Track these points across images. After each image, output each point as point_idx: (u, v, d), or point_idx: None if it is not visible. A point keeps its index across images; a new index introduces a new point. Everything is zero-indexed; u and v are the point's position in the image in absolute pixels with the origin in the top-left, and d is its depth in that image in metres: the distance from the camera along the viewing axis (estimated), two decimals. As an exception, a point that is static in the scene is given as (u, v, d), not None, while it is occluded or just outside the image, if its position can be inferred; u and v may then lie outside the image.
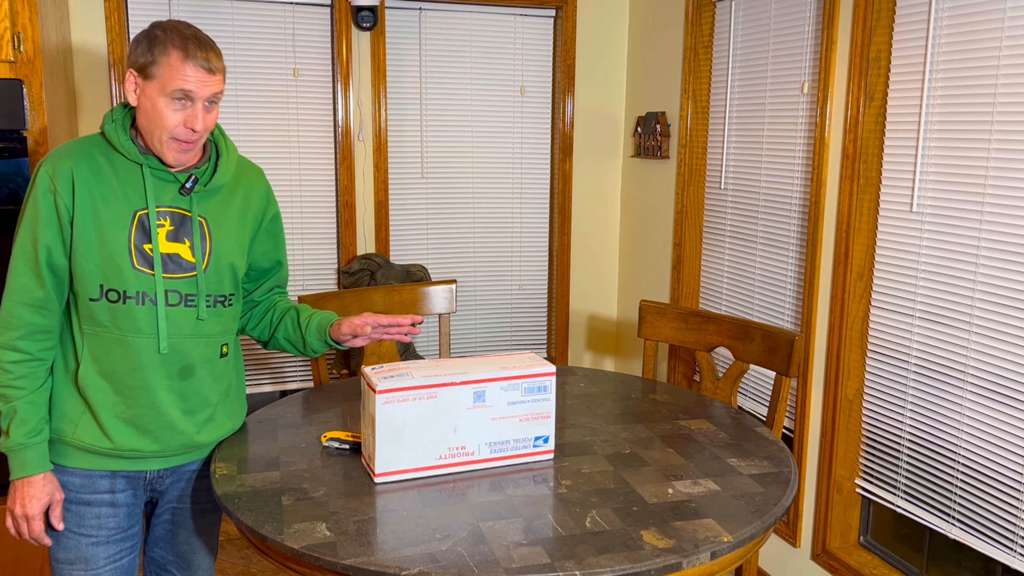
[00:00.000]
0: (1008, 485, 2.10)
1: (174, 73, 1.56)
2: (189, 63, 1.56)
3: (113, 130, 1.63)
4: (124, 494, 1.73)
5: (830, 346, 2.58)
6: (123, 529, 1.75)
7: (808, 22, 2.70)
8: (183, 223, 1.67)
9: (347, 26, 3.36)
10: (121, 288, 1.62)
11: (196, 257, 1.68)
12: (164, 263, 1.65)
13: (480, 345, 3.85)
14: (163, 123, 1.58)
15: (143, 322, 1.64)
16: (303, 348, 1.91)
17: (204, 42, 1.60)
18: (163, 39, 1.57)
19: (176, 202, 1.67)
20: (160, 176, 1.66)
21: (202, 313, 1.70)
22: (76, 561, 1.71)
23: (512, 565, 1.33)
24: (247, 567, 2.99)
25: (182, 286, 1.67)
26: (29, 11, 2.47)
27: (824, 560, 2.64)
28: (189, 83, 1.57)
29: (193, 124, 1.59)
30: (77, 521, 1.70)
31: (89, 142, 1.65)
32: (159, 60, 1.56)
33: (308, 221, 3.48)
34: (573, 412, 2.03)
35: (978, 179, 2.15)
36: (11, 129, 2.47)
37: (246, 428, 1.89)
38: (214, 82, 1.60)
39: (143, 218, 1.63)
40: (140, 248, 1.63)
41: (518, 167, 3.77)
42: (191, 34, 1.59)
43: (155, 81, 1.57)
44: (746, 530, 1.46)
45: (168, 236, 1.66)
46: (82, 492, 1.70)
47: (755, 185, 3.00)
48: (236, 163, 1.79)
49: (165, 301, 1.65)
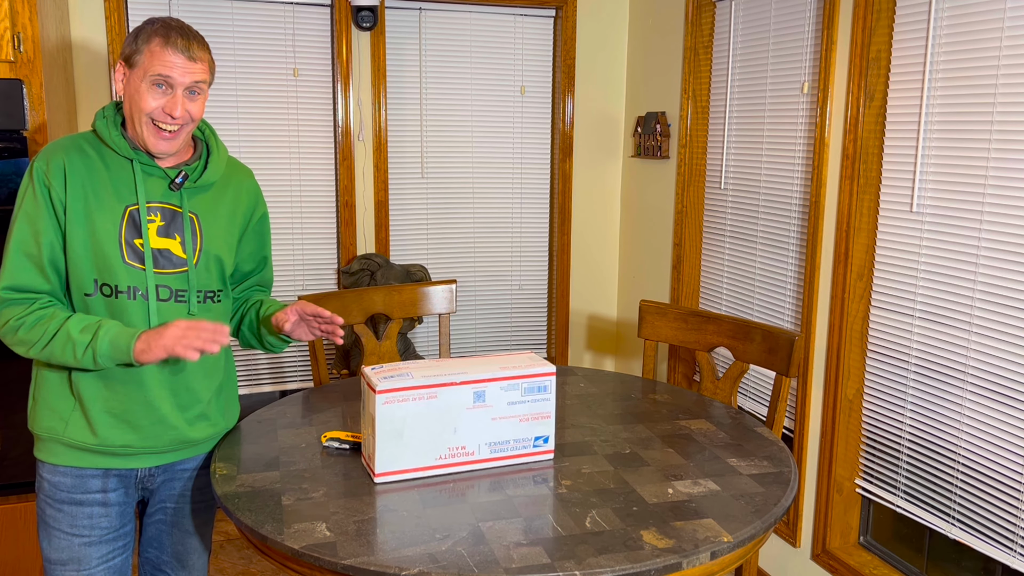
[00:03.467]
0: (1008, 485, 2.10)
1: (154, 59, 1.59)
2: (168, 49, 1.59)
3: (104, 126, 1.65)
4: (116, 493, 1.73)
5: (830, 346, 2.58)
6: (115, 529, 1.74)
7: (808, 22, 2.70)
8: (174, 219, 1.68)
9: (347, 26, 3.35)
10: (113, 283, 1.63)
11: (187, 252, 1.69)
12: (155, 258, 1.66)
13: (480, 345, 3.85)
14: (142, 106, 1.60)
15: (135, 317, 1.64)
16: (261, 340, 1.88)
17: (188, 32, 1.62)
18: (148, 30, 1.61)
19: (167, 198, 1.68)
20: (150, 172, 1.67)
21: (193, 308, 1.70)
22: (69, 562, 1.71)
23: (512, 565, 1.33)
24: (247, 567, 2.98)
25: (172, 281, 1.68)
26: (29, 11, 2.47)
27: (824, 560, 2.64)
28: (167, 68, 1.59)
29: (171, 110, 1.61)
30: (69, 521, 1.70)
31: (81, 137, 1.67)
32: (141, 48, 1.60)
33: (308, 221, 3.48)
34: (573, 412, 2.03)
35: (978, 179, 2.15)
36: (11, 129, 2.47)
37: (246, 428, 1.89)
38: (196, 70, 1.62)
39: (133, 213, 1.64)
40: (131, 243, 1.63)
41: (518, 167, 3.77)
42: (175, 25, 1.62)
43: (138, 68, 1.60)
44: (746, 530, 1.46)
45: (159, 231, 1.66)
46: (74, 492, 1.70)
47: (755, 185, 3.00)
48: (226, 162, 1.80)
49: (156, 296, 1.66)
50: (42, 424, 1.69)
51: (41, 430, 1.69)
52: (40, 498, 1.72)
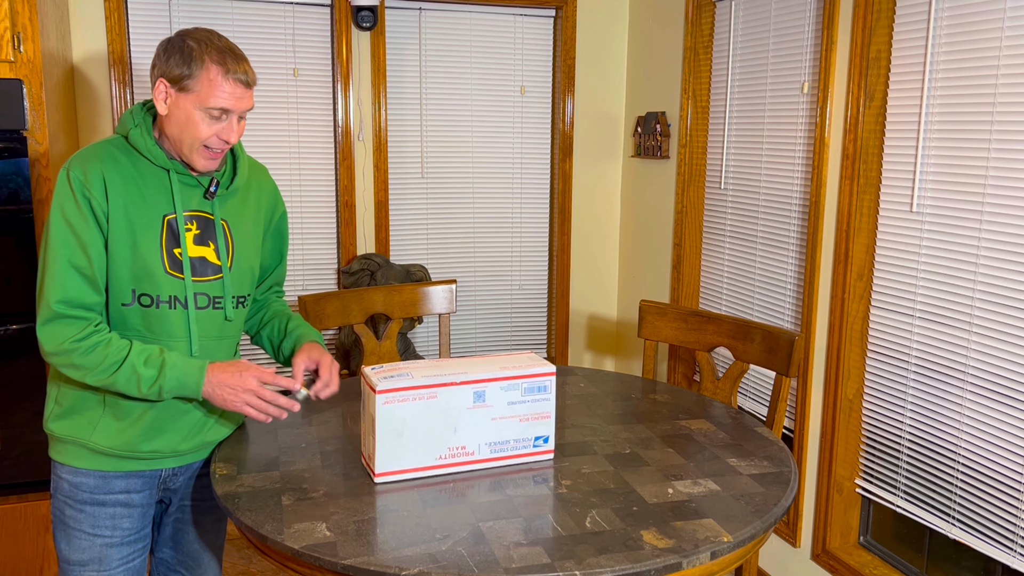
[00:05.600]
0: (1008, 485, 2.10)
1: (214, 89, 1.56)
2: (229, 79, 1.56)
3: (139, 135, 1.62)
4: (140, 494, 1.73)
5: (830, 346, 2.58)
6: (137, 530, 1.75)
7: (808, 22, 2.70)
8: (207, 226, 1.69)
9: (347, 26, 3.35)
10: (154, 293, 1.62)
11: (221, 259, 1.69)
12: (193, 267, 1.66)
13: (480, 345, 3.85)
14: (197, 134, 1.58)
15: (175, 326, 1.64)
16: (277, 353, 1.92)
17: (239, 55, 1.60)
18: (199, 52, 1.56)
19: (201, 206, 1.68)
20: (185, 181, 1.66)
21: (230, 314, 1.72)
22: (89, 562, 1.70)
23: (512, 565, 1.33)
24: (247, 567, 2.99)
25: (209, 289, 1.68)
26: (29, 11, 2.47)
27: (824, 560, 2.64)
28: (228, 100, 1.57)
29: (228, 136, 1.60)
30: (92, 522, 1.70)
31: (111, 145, 1.63)
32: (197, 74, 1.55)
33: (308, 221, 3.48)
34: (573, 412, 2.03)
35: (978, 179, 2.15)
36: (11, 129, 2.47)
37: (246, 428, 1.89)
38: (249, 96, 1.61)
39: (171, 222, 1.64)
40: (171, 252, 1.63)
41: (518, 167, 3.77)
42: (226, 47, 1.58)
43: (192, 95, 1.56)
44: (746, 530, 1.46)
45: (195, 240, 1.66)
46: (97, 493, 1.69)
47: (755, 185, 3.00)
48: (248, 164, 1.80)
49: (195, 304, 1.66)
50: (65, 428, 1.67)
51: (63, 434, 1.67)
52: (59, 499, 1.71)
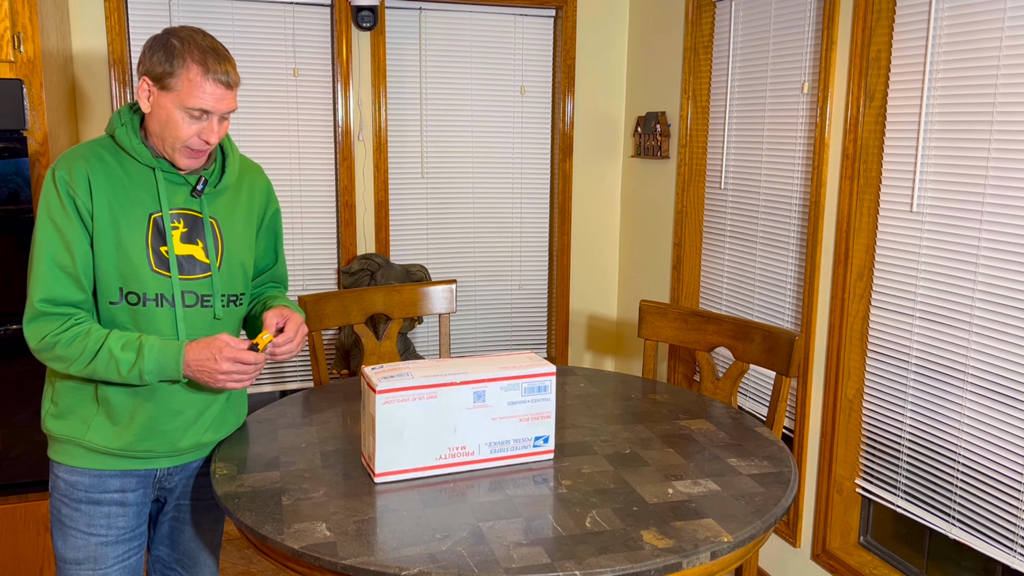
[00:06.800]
0: (1008, 485, 2.10)
1: (194, 89, 1.55)
2: (209, 79, 1.56)
3: (124, 134, 1.62)
4: (135, 493, 1.74)
5: (830, 346, 2.58)
6: (132, 528, 1.75)
7: (808, 22, 2.70)
8: (195, 224, 1.68)
9: (347, 26, 3.35)
10: (140, 291, 1.62)
11: (210, 258, 1.69)
12: (180, 265, 1.66)
13: (480, 345, 3.84)
14: (177, 134, 1.58)
15: (162, 324, 1.64)
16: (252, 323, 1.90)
17: (222, 55, 1.59)
18: (181, 50, 1.55)
19: (188, 204, 1.68)
20: (171, 179, 1.66)
21: (218, 313, 1.71)
22: (85, 561, 1.71)
23: (512, 565, 1.33)
24: (247, 567, 2.99)
25: (197, 287, 1.68)
26: (29, 11, 2.47)
27: (824, 560, 2.64)
28: (208, 101, 1.57)
29: (208, 137, 1.60)
30: (87, 521, 1.70)
31: (97, 145, 1.64)
32: (177, 72, 1.55)
33: (308, 221, 3.48)
34: (573, 412, 2.03)
35: (978, 179, 2.15)
36: (11, 129, 2.47)
37: (246, 428, 1.89)
38: (231, 97, 1.60)
39: (157, 220, 1.64)
40: (156, 250, 1.63)
41: (518, 167, 3.77)
42: (209, 46, 1.57)
43: (172, 93, 1.56)
44: (746, 530, 1.46)
45: (182, 238, 1.66)
46: (92, 491, 1.69)
47: (755, 185, 3.00)
48: (239, 162, 1.80)
49: (182, 302, 1.66)
50: (61, 428, 1.68)
51: (59, 433, 1.68)
52: (55, 497, 1.71)
